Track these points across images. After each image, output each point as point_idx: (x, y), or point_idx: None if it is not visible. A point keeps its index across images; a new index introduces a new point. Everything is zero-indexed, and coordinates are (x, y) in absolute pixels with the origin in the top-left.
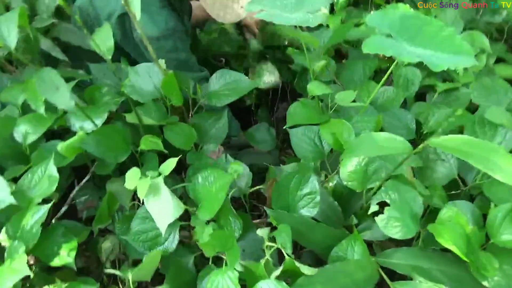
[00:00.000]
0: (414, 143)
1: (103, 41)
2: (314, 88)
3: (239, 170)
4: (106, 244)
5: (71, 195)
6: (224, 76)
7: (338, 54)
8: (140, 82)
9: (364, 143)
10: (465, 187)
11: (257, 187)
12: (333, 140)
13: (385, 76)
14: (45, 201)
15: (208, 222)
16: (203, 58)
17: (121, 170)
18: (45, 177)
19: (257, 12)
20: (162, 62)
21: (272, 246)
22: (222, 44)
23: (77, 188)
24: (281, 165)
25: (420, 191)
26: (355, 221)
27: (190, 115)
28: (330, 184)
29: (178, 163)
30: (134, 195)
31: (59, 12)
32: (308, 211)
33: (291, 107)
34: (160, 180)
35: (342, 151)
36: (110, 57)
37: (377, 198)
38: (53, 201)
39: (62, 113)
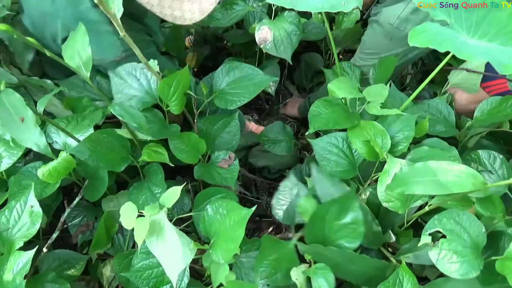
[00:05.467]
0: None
1: (78, 51)
2: (337, 88)
3: None
4: (107, 270)
5: (62, 219)
6: (233, 70)
7: None
8: (127, 88)
9: (420, 177)
10: None
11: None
12: (365, 149)
13: None
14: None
15: None
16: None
17: (118, 184)
18: (25, 214)
19: None
20: (154, 63)
21: None
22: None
23: (68, 210)
24: (300, 166)
25: (478, 210)
26: (393, 238)
27: (194, 120)
28: (363, 196)
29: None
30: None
31: None
32: (349, 242)
33: (313, 107)
34: (163, 216)
35: (377, 160)
36: (88, 73)
37: (429, 227)
38: (41, 227)
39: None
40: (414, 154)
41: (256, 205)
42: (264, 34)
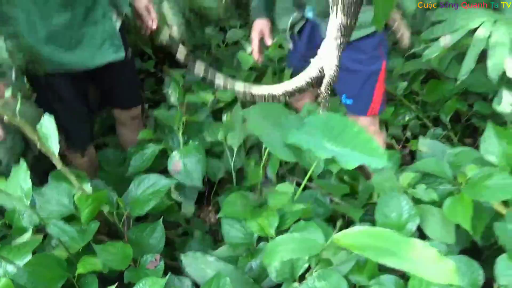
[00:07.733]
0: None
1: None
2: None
3: None
4: None
5: None
6: (143, 181)
7: None
8: (47, 204)
9: (281, 246)
10: None
11: None
12: (257, 226)
13: None
14: None
15: None
16: None
17: None
18: None
19: None
20: (87, 185)
21: None
22: None
23: None
24: None
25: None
26: None
27: (123, 229)
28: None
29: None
30: None
31: None
32: None
33: (229, 197)
34: None
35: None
36: (28, 201)
37: (306, 285)
38: None
39: None
40: (295, 228)
41: None
42: (176, 165)
